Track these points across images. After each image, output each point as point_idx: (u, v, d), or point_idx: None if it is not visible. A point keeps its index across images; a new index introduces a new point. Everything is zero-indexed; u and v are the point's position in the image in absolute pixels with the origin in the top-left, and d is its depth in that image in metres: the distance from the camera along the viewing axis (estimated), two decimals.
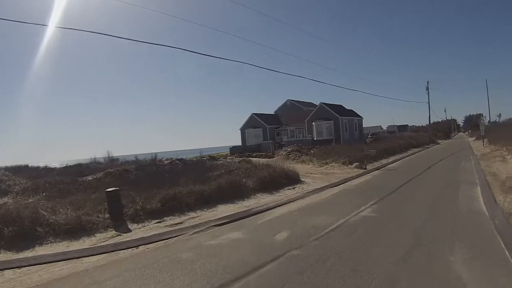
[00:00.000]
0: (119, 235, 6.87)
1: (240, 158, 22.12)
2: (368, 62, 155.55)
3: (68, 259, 5.55)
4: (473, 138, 46.04)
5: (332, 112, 39.14)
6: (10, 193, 12.36)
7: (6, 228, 6.41)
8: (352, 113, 44.23)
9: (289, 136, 43.48)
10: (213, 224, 7.26)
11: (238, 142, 46.57)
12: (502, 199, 7.94)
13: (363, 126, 48.15)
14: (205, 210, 8.75)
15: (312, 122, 40.03)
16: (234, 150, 40.49)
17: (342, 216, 7.19)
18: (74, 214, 7.23)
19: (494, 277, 3.85)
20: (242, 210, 8.65)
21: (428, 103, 55.01)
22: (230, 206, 9.17)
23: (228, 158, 24.61)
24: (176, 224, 7.54)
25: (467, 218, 6.65)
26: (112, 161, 23.07)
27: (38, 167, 23.10)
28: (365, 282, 3.86)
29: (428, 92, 54.54)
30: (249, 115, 46.40)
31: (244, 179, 11.21)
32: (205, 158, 22.49)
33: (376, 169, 17.43)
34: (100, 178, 13.68)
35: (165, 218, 7.93)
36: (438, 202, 8.37)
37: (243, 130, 46.33)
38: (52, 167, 23.56)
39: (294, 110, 48.75)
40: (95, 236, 6.81)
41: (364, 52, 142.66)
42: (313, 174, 15.46)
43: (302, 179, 13.34)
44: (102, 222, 7.30)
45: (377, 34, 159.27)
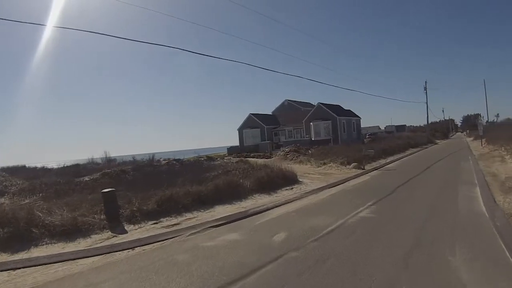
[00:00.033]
0: (115, 236, 6.81)
1: (238, 159, 22.02)
2: (366, 62, 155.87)
3: (63, 261, 5.50)
4: (471, 138, 46.18)
5: (330, 112, 39.14)
6: (6, 193, 12.25)
7: (1, 229, 6.39)
8: (350, 113, 44.28)
9: (287, 137, 43.46)
10: (210, 225, 7.20)
11: (236, 142, 46.57)
12: (502, 199, 7.90)
13: (361, 126, 48.25)
14: (202, 211, 8.69)
15: (310, 122, 40.04)
16: (231, 150, 40.41)
17: (340, 217, 7.14)
18: (70, 215, 7.18)
19: (495, 279, 3.81)
20: (239, 211, 8.59)
21: (426, 103, 55.26)
22: (227, 207, 9.12)
23: (225, 158, 24.50)
24: (172, 225, 7.48)
25: (467, 219, 6.60)
26: (109, 161, 22.91)
27: (35, 168, 22.95)
28: (364, 285, 3.82)
29: (426, 92, 54.85)
30: (247, 115, 46.43)
31: (241, 180, 11.16)
32: (202, 159, 22.37)
33: (375, 169, 17.41)
34: (97, 179, 13.56)
35: (161, 219, 7.87)
36: (437, 202, 8.33)
37: (240, 130, 46.31)
38: (50, 167, 23.45)
39: (292, 110, 48.69)
40: (91, 237, 6.76)
41: (362, 52, 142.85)
42: (311, 175, 15.40)
43: (300, 180, 13.29)
44: (98, 223, 7.24)
45: (375, 34, 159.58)
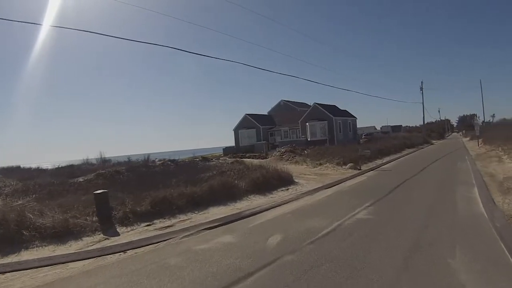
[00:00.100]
0: (107, 239, 6.68)
1: (233, 159, 21.97)
2: (362, 62, 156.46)
3: (53, 264, 5.39)
4: (467, 138, 46.37)
5: (326, 112, 39.11)
6: None
7: None
8: (346, 113, 44.28)
9: (282, 137, 43.39)
10: (204, 228, 7.08)
11: (231, 142, 46.41)
12: (501, 200, 7.84)
13: (357, 126, 48.25)
14: (196, 212, 8.58)
15: (306, 122, 39.98)
16: (227, 150, 40.32)
17: (337, 219, 7.04)
18: (61, 217, 7.03)
19: (496, 281, 3.74)
20: (234, 213, 8.48)
21: (422, 103, 55.59)
22: (222, 208, 9.01)
23: (221, 159, 24.45)
24: (166, 227, 7.36)
25: (466, 220, 6.52)
26: (104, 162, 22.73)
27: (30, 168, 22.75)
28: None
29: (422, 93, 55.18)
30: (242, 115, 46.31)
31: (236, 181, 11.05)
32: (197, 159, 22.25)
33: (371, 169, 17.35)
34: (91, 180, 13.39)
35: (155, 221, 7.76)
36: (435, 203, 8.25)
37: (236, 130, 46.16)
38: (44, 168, 23.22)
39: (288, 111, 48.68)
40: (82, 240, 6.63)
41: (358, 52, 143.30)
42: (306, 175, 15.33)
43: (296, 180, 13.20)
44: (90, 225, 7.11)
45: (371, 34, 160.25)
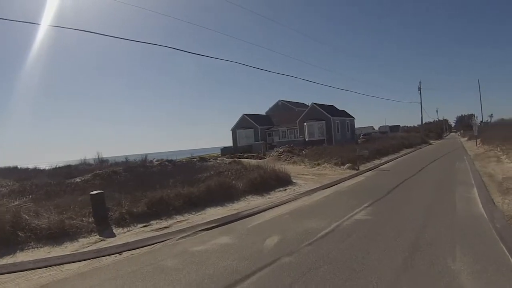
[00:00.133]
0: (103, 240, 6.62)
1: (231, 159, 21.90)
2: (362, 62, 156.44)
3: (48, 266, 5.33)
4: (465, 138, 46.42)
5: (324, 112, 39.13)
6: None
7: None
8: (344, 113, 44.34)
9: (280, 137, 43.36)
10: (201, 229, 7.03)
11: (230, 143, 46.36)
12: (501, 200, 7.81)
13: (355, 126, 48.32)
14: (193, 213, 8.52)
15: (304, 122, 39.99)
16: (225, 151, 40.23)
17: (335, 220, 7.00)
18: (57, 218, 6.95)
19: (496, 282, 3.71)
20: (231, 214, 8.42)
21: (420, 103, 55.72)
22: (219, 209, 8.96)
23: (218, 159, 24.35)
24: (162, 228, 7.30)
25: (466, 220, 6.47)
26: (102, 162, 22.66)
27: (27, 169, 22.72)
28: None
29: (420, 93, 55.27)
30: (240, 115, 46.27)
31: (234, 181, 11.01)
32: (195, 159, 22.21)
33: (369, 170, 17.34)
34: (88, 180, 13.34)
35: (151, 222, 7.69)
36: (434, 204, 8.21)
37: (234, 130, 46.14)
38: (42, 168, 23.15)
39: (286, 111, 48.72)
40: (78, 241, 6.56)
41: (358, 52, 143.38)
42: (304, 176, 15.28)
43: (294, 181, 13.16)
44: (86, 226, 7.04)
45: (371, 34, 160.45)
